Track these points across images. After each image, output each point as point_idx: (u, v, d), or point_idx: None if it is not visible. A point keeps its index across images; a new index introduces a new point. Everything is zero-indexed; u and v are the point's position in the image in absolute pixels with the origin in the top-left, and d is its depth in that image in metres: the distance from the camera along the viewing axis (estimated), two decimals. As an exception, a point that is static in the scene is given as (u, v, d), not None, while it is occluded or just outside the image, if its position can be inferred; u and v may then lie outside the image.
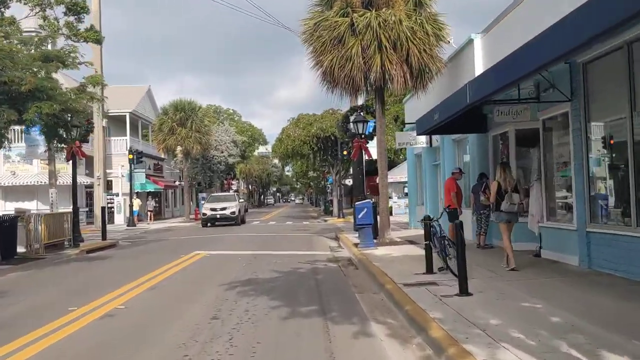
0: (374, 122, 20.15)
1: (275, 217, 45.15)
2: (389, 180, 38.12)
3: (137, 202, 33.11)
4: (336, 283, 10.18)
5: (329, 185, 51.60)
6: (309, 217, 41.99)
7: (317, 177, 53.92)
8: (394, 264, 11.43)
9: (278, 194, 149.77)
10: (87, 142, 23.63)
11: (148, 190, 41.36)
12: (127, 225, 33.07)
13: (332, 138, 35.34)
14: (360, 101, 21.75)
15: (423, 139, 19.67)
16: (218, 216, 30.41)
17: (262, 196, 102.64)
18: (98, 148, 32.27)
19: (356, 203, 14.70)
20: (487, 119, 14.06)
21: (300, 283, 10.22)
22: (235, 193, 30.84)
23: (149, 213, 34.29)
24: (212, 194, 35.81)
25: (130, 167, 34.16)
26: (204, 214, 30.76)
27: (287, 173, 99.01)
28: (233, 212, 30.52)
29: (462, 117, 11.93)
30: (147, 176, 43.16)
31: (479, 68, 13.55)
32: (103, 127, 32.31)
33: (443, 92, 15.20)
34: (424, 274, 9.75)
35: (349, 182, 45.31)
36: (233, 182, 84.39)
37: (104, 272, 13.14)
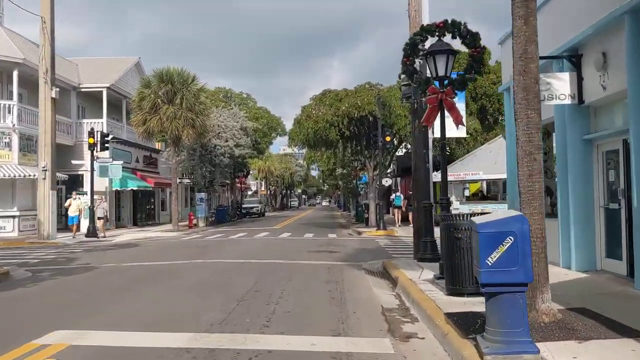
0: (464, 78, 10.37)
1: (293, 224, 35.58)
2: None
3: (77, 204, 23.54)
4: None
5: (363, 185, 41.86)
6: (337, 226, 32.29)
7: (347, 175, 44.11)
8: None
9: (304, 196, 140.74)
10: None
11: (131, 189, 32.26)
12: (86, 236, 23.86)
13: (370, 119, 25.62)
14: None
15: (566, 89, 9.91)
16: None
17: (285, 198, 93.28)
18: (45, 128, 23.18)
19: (479, 224, 4.96)
20: None
21: None
22: None
23: (99, 221, 24.09)
24: None
25: (92, 155, 25.01)
26: None
27: (312, 172, 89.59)
28: None
29: None
30: (133, 171, 34.14)
31: None
32: (53, 98, 23.21)
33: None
34: None
35: (386, 182, 35.54)
36: (251, 182, 75.29)
37: None
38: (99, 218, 23.64)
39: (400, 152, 36.09)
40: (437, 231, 13.12)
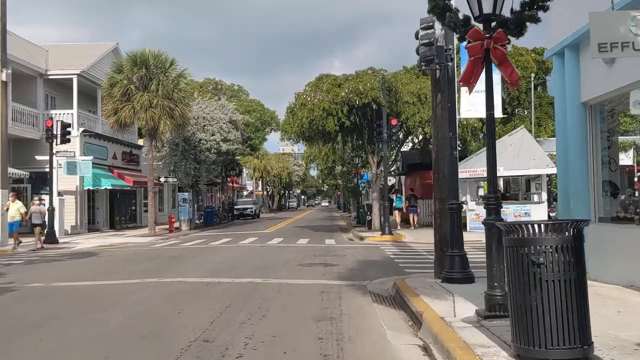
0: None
1: (288, 227, 32.22)
2: (461, 174, 24.06)
3: (16, 207, 19.74)
4: None
5: (365, 184, 38.54)
6: (336, 230, 28.93)
7: (347, 173, 40.73)
8: None
9: (303, 197, 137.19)
10: None
11: (105, 188, 28.89)
12: (46, 242, 20.42)
13: (373, 106, 22.25)
14: None
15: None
16: None
17: (283, 199, 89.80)
18: (-7, 116, 19.83)
19: None
20: None
21: None
22: None
23: (35, 230, 19.33)
24: None
25: (51, 149, 21.68)
26: None
27: (311, 172, 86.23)
28: None
29: None
30: (110, 168, 30.79)
31: None
32: (4, 82, 19.88)
33: None
34: None
35: (389, 180, 32.24)
36: (247, 182, 71.93)
37: None
38: (35, 225, 19.43)
39: (405, 148, 32.78)
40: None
